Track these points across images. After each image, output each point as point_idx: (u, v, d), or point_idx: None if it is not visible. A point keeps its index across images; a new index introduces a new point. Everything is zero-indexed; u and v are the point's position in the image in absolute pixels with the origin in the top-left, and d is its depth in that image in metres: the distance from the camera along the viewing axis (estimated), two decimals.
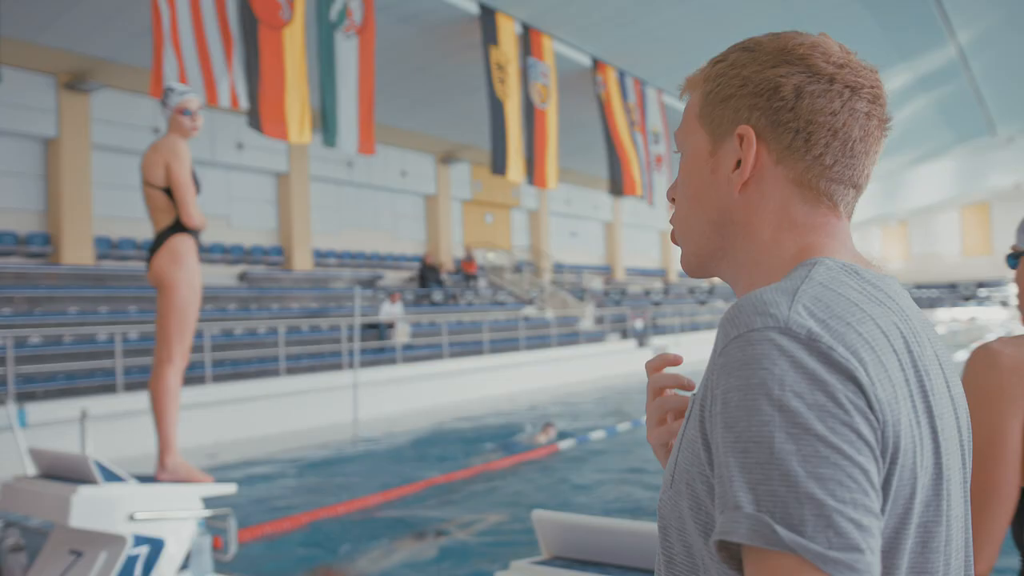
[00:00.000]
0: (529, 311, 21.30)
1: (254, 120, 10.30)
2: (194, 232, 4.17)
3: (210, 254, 15.96)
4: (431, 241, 21.78)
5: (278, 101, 10.56)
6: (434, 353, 16.04)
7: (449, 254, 21.90)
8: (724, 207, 0.96)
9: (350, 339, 13.19)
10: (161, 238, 4.11)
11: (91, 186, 13.97)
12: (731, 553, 0.76)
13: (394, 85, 14.75)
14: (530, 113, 14.59)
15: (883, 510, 0.76)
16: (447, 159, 21.61)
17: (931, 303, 38.79)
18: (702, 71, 1.01)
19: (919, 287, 40.62)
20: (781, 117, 0.91)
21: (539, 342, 19.04)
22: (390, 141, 18.56)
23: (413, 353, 15.68)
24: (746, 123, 0.93)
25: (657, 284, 30.52)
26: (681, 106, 20.07)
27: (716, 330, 0.84)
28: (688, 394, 1.04)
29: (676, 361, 1.07)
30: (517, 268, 24.35)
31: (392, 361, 14.94)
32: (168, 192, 4.10)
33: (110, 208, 14.18)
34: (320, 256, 18.47)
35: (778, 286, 0.83)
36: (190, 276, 4.10)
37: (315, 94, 11.33)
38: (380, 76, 12.01)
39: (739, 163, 0.93)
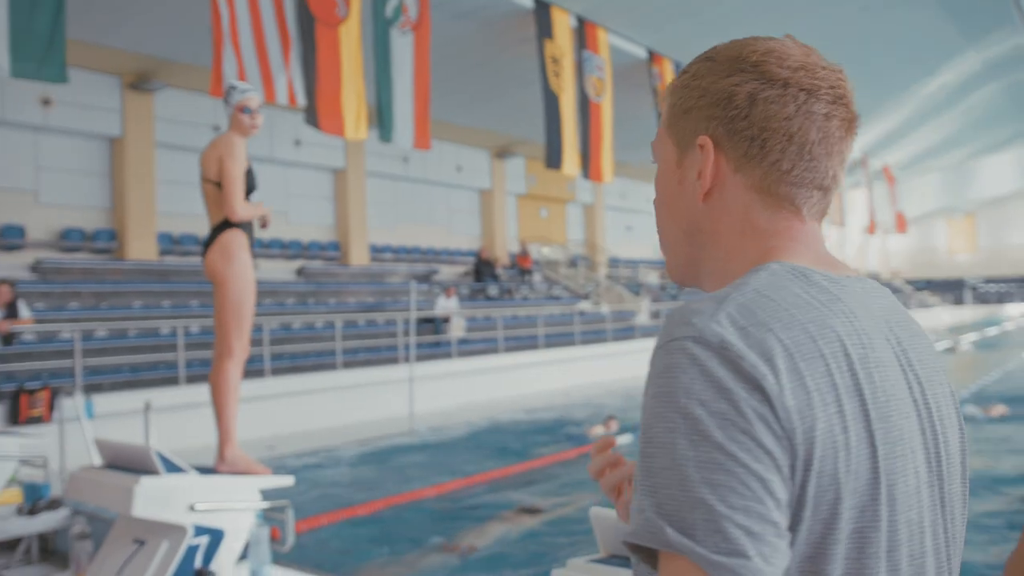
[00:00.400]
0: (584, 306, 21.22)
1: (311, 117, 10.42)
2: (246, 227, 4.20)
3: (269, 249, 16.22)
4: (486, 236, 21.83)
5: (335, 97, 10.66)
6: (489, 347, 16.08)
7: (504, 249, 21.92)
8: (692, 217, 0.97)
9: (406, 333, 13.28)
10: (214, 233, 4.16)
11: (154, 183, 14.30)
12: (648, 553, 0.78)
13: (449, 80, 14.78)
14: (585, 106, 14.50)
15: (801, 517, 0.78)
16: (502, 154, 21.62)
17: (1000, 298, 37.64)
18: (671, 82, 1.02)
19: (988, 281, 39.43)
20: (736, 126, 0.92)
21: (594, 337, 18.96)
22: (445, 136, 18.62)
23: (468, 347, 15.73)
24: (705, 133, 0.95)
25: None
26: None
27: None
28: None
29: (611, 443, 1.12)
30: (572, 262, 24.27)
31: (447, 355, 15.02)
32: (219, 186, 4.15)
33: (172, 205, 14.48)
34: (376, 251, 18.64)
35: (714, 294, 0.85)
36: (242, 270, 4.13)
37: (371, 90, 11.41)
38: (435, 72, 12.04)
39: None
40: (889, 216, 35.13)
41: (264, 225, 4.33)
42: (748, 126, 0.92)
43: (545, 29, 13.45)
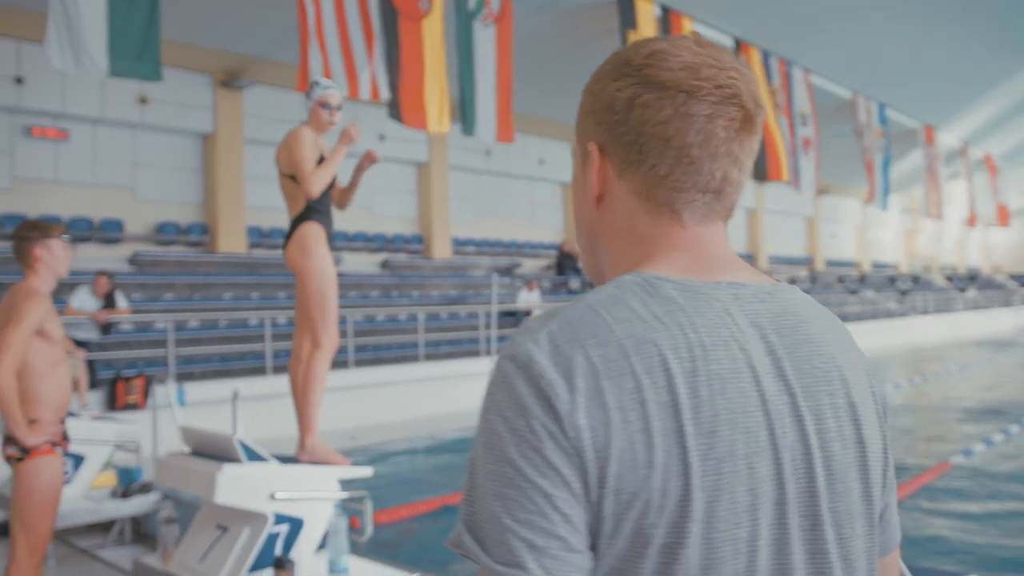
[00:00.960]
0: None
1: (394, 111, 10.51)
2: (324, 219, 4.22)
3: (353, 243, 16.48)
4: (569, 229, 21.72)
5: (418, 91, 10.73)
6: None
7: None
8: (590, 223, 0.99)
9: (487, 326, 13.31)
10: (292, 227, 4.20)
11: (243, 178, 14.68)
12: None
13: (531, 73, 14.73)
14: None
15: (602, 532, 0.79)
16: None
17: None
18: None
19: None
20: (617, 131, 0.93)
21: None
22: (528, 129, 18.58)
23: None
24: (594, 139, 0.96)
25: (803, 273, 29.34)
26: (830, 85, 19.17)
27: (858, 323, 0.74)
28: None
29: None
30: None
31: None
32: (293, 179, 4.19)
33: (261, 199, 14.83)
34: (459, 244, 18.74)
35: (550, 310, 0.87)
36: (319, 263, 4.16)
37: (454, 84, 11.45)
38: (518, 64, 12.01)
39: None
40: (991, 208, 33.58)
41: (371, 160, 4.31)
42: (627, 131, 0.92)
43: (628, 19, 13.26)
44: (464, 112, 11.48)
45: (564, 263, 19.50)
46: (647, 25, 13.57)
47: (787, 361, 0.88)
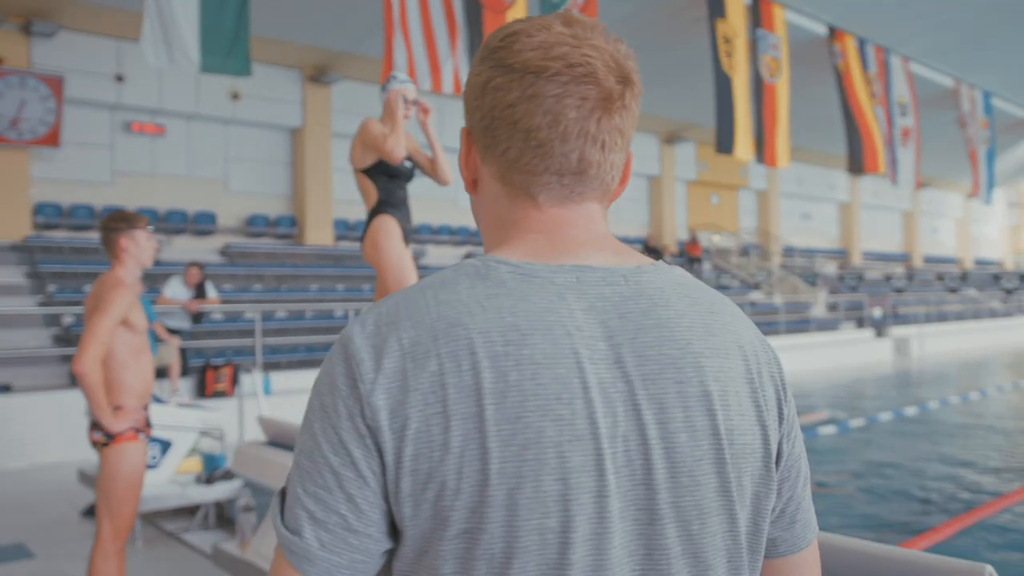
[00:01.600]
0: (756, 296, 20.43)
1: None
2: (399, 213, 4.20)
3: (438, 235, 16.59)
4: (654, 223, 21.43)
5: None
6: None
7: (673, 236, 21.44)
8: (472, 208, 1.01)
9: None
10: (367, 222, 4.20)
11: (331, 172, 14.93)
12: None
13: None
14: (759, 88, 13.86)
15: (402, 513, 0.80)
16: (671, 139, 21.12)
17: None
18: None
19: None
20: (475, 116, 0.93)
21: (766, 328, 18.20)
22: None
23: None
24: (466, 125, 0.96)
25: (899, 269, 28.27)
26: (930, 73, 18.31)
27: (959, 322, 0.63)
28: None
29: None
30: (744, 251, 23.43)
31: None
32: (365, 173, 4.18)
33: (348, 192, 15.06)
34: None
35: (393, 293, 0.90)
36: (392, 256, 4.14)
37: None
38: None
39: None
40: None
41: (424, 111, 4.26)
42: (483, 116, 0.92)
43: (717, 8, 12.93)
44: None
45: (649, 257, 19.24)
46: (736, 14, 13.22)
47: (627, 347, 0.85)
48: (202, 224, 13.75)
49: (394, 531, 0.84)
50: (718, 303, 0.94)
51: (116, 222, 3.77)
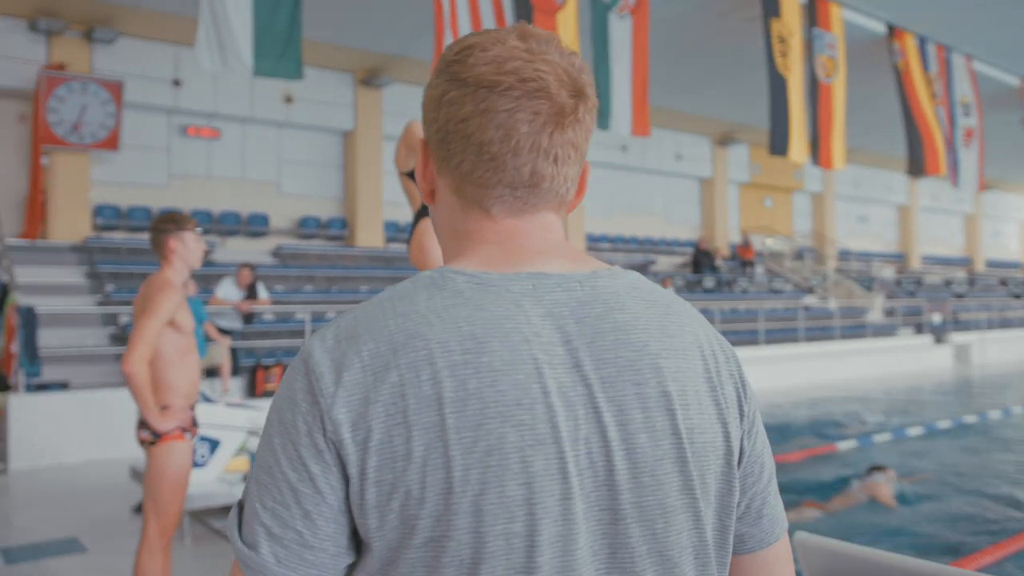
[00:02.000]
0: (810, 300, 20.05)
1: None
2: None
3: None
4: (706, 226, 21.17)
5: None
6: None
7: (725, 239, 21.15)
8: (431, 218, 1.02)
9: None
10: (412, 225, 4.17)
11: (381, 174, 15.03)
12: None
13: (669, 65, 14.38)
14: (814, 89, 13.60)
15: (368, 525, 0.81)
16: (724, 141, 20.84)
17: None
18: None
19: None
20: (431, 129, 0.94)
21: (820, 334, 17.86)
22: (665, 124, 18.21)
23: None
24: (424, 136, 0.97)
25: (960, 274, 27.51)
26: (994, 72, 17.77)
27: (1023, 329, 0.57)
28: None
29: None
30: (798, 254, 23.01)
31: None
32: (410, 176, 4.16)
33: (398, 194, 15.12)
34: (593, 240, 18.58)
35: (352, 307, 0.90)
36: (439, 260, 4.12)
37: None
38: (654, 56, 11.73)
39: None
40: None
41: None
42: (438, 130, 0.93)
43: (772, 7, 12.72)
44: (599, 105, 11.29)
45: (701, 261, 19.00)
46: (791, 12, 12.98)
47: (585, 351, 0.86)
48: (255, 226, 13.95)
49: (357, 544, 0.85)
50: (674, 304, 0.95)
51: (165, 223, 3.81)
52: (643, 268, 18.65)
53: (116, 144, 12.30)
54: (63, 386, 8.77)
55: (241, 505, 0.87)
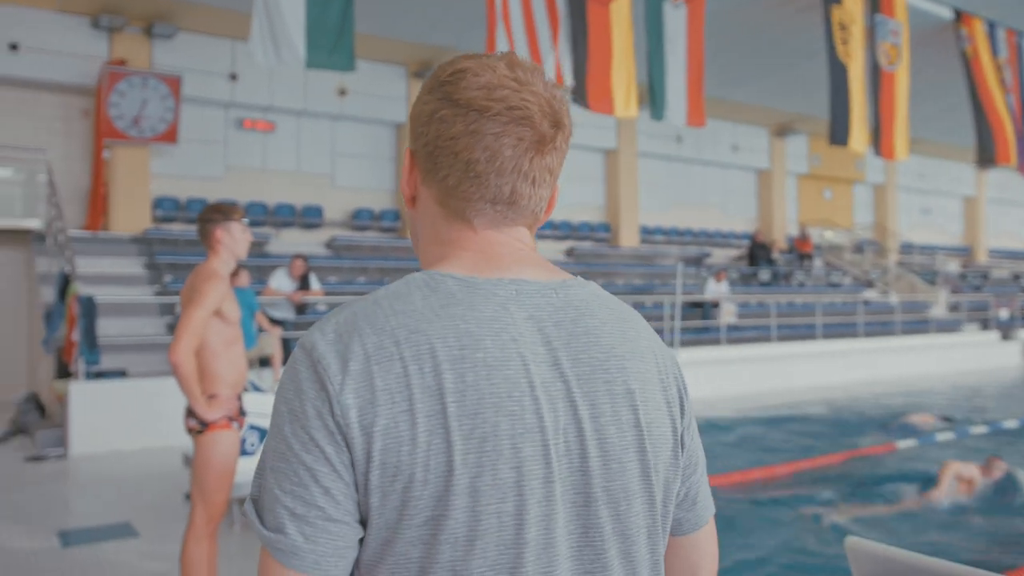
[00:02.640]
0: (870, 294, 19.58)
1: (580, 96, 10.38)
2: None
3: (539, 230, 16.50)
4: (763, 218, 20.79)
5: (604, 76, 10.54)
6: (761, 335, 15.29)
7: (782, 232, 20.75)
8: (410, 220, 1.11)
9: (672, 317, 12.95)
10: None
11: None
12: None
13: (725, 54, 14.13)
14: (876, 76, 13.23)
15: (370, 504, 0.87)
16: (782, 131, 20.43)
17: None
18: None
19: None
20: (419, 142, 1.02)
21: (880, 329, 17.41)
22: (721, 114, 17.91)
23: (738, 334, 15.06)
24: (410, 145, 1.05)
25: None
26: None
27: None
28: None
29: None
30: (858, 247, 22.48)
31: (715, 341, 14.47)
32: None
33: None
34: (647, 233, 18.39)
35: (345, 304, 0.97)
36: None
37: (642, 68, 11.15)
38: (710, 45, 11.54)
39: None
40: None
41: None
42: (427, 143, 1.01)
43: None
44: (653, 96, 11.16)
45: (756, 253, 18.67)
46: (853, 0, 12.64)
47: (563, 351, 0.96)
48: (309, 218, 14.09)
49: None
50: (628, 313, 1.07)
51: (211, 214, 3.83)
52: (698, 261, 18.41)
53: (175, 137, 12.53)
54: (121, 374, 8.96)
55: (254, 499, 0.93)
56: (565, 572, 0.93)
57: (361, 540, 0.91)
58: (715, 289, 15.22)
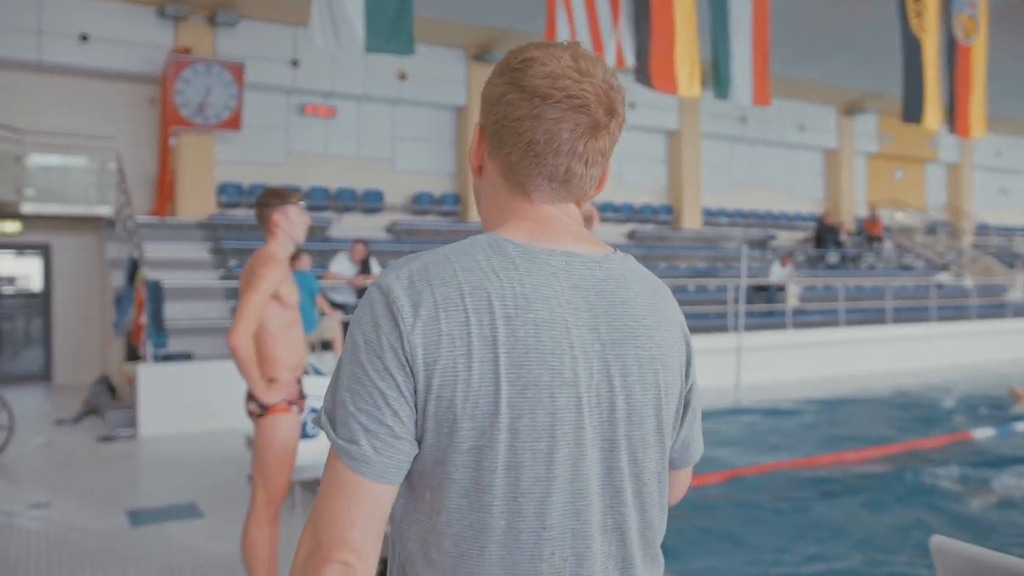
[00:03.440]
0: (943, 277, 18.95)
1: (643, 76, 10.18)
2: None
3: (601, 212, 16.37)
4: (830, 199, 20.26)
5: (667, 55, 10.32)
6: (828, 320, 14.91)
7: (851, 213, 20.19)
8: (475, 187, 1.25)
9: (736, 300, 12.71)
10: None
11: None
12: None
13: (791, 31, 13.73)
14: (952, 51, 12.72)
15: (426, 428, 1.05)
16: (851, 110, 19.84)
17: None
18: None
19: None
20: (488, 119, 1.16)
21: (954, 313, 16.83)
22: (787, 93, 17.46)
23: (804, 319, 14.72)
24: (480, 121, 1.19)
25: None
26: None
27: None
28: None
29: None
30: (930, 229, 21.77)
31: (780, 326, 14.15)
32: None
33: None
34: (710, 215, 18.07)
35: (416, 254, 1.12)
36: None
37: (705, 46, 10.89)
38: (776, 22, 11.21)
39: None
40: None
41: None
42: (494, 122, 1.14)
43: None
44: (718, 75, 10.89)
45: (824, 236, 18.21)
46: None
47: (602, 318, 1.10)
48: (370, 202, 14.17)
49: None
50: (659, 287, 1.20)
51: (269, 198, 3.81)
52: (763, 243, 18.03)
53: (238, 124, 12.69)
54: (187, 357, 9.13)
55: (327, 412, 1.08)
56: (592, 505, 1.08)
57: (416, 456, 1.07)
58: (780, 273, 14.87)
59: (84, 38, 11.97)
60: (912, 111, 12.30)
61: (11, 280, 12.77)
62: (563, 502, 1.06)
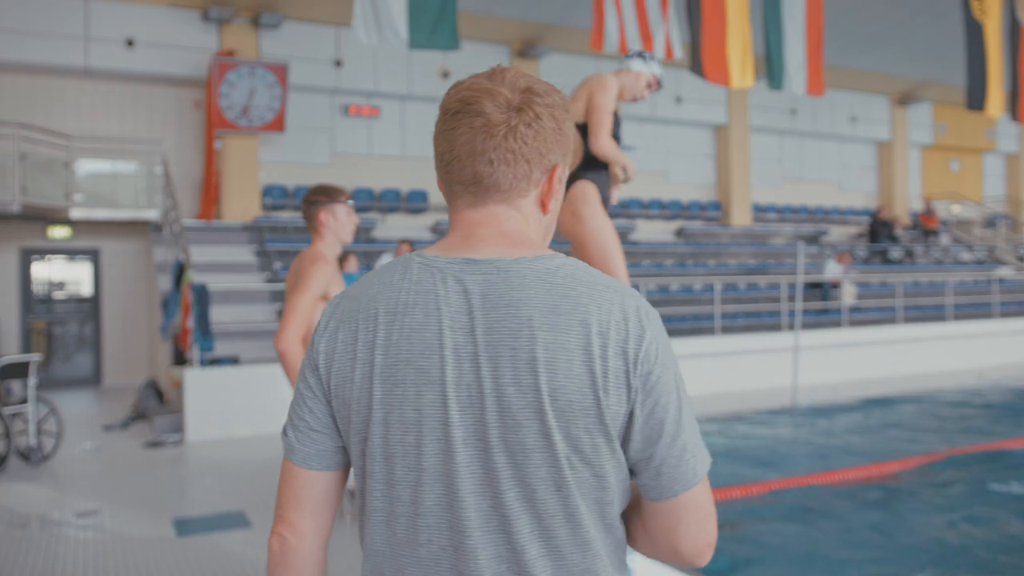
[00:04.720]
0: (1005, 272, 18.30)
1: (696, 66, 9.89)
2: (598, 179, 3.83)
3: (648, 210, 16.07)
4: (884, 193, 19.68)
5: (719, 46, 10.02)
6: (885, 317, 14.44)
7: (905, 207, 19.59)
8: None
9: (790, 298, 12.33)
10: (568, 184, 3.82)
11: None
12: None
13: (845, 19, 13.31)
14: (1015, 34, 12.20)
15: (338, 421, 1.22)
16: (905, 100, 19.25)
17: None
18: None
19: None
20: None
21: (1018, 309, 16.23)
22: (838, 84, 16.97)
23: (861, 316, 14.27)
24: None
25: None
26: None
27: None
28: None
29: None
30: (990, 222, 21.06)
31: (836, 324, 13.73)
32: (581, 129, 3.82)
33: None
34: (759, 211, 17.65)
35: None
36: (593, 224, 3.78)
37: (757, 38, 10.56)
38: (830, 10, 10.84)
39: None
40: None
41: (626, 179, 3.92)
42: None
43: None
44: (771, 65, 10.55)
45: (879, 231, 17.68)
46: None
47: (480, 320, 1.12)
48: (415, 202, 14.04)
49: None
50: (581, 288, 1.14)
51: (316, 196, 3.65)
52: (814, 239, 17.57)
53: (282, 126, 12.64)
54: (233, 361, 9.05)
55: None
56: (466, 501, 1.11)
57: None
58: (835, 270, 14.43)
59: (130, 43, 12.00)
60: (976, 99, 11.82)
61: (62, 285, 12.85)
62: (436, 493, 1.12)
